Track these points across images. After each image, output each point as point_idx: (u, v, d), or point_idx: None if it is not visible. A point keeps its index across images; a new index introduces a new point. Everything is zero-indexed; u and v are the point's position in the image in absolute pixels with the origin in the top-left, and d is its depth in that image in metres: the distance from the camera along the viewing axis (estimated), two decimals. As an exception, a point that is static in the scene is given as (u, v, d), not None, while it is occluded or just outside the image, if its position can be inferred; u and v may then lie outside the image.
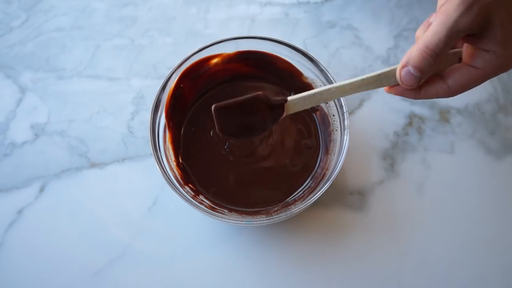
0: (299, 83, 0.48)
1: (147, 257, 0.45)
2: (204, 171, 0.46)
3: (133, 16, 0.57)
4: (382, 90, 0.51)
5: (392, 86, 0.35)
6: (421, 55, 0.31)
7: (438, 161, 0.49)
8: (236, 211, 0.44)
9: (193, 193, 0.43)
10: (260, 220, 0.41)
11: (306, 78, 0.47)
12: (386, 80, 0.34)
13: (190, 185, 0.45)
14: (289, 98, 0.35)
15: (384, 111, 0.51)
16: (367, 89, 0.35)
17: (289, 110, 0.35)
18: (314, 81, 0.47)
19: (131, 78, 0.53)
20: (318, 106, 0.47)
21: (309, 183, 0.45)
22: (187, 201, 0.40)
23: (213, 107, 0.34)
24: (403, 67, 0.32)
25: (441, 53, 0.30)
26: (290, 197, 0.45)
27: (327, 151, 0.46)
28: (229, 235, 0.46)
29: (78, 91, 0.53)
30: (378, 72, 0.34)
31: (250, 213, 0.44)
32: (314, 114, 0.48)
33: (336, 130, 0.45)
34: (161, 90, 0.44)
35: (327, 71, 0.44)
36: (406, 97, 0.35)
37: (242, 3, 0.58)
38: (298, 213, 0.41)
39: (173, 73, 0.44)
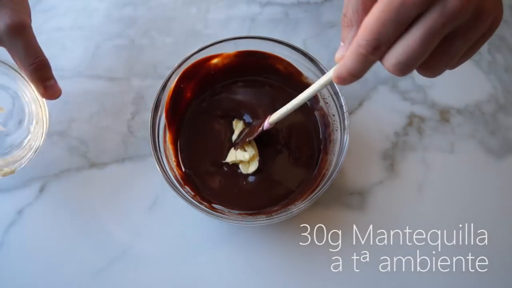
0: (299, 83, 0.48)
1: (147, 257, 0.45)
2: (204, 171, 0.46)
3: (133, 16, 0.57)
4: (383, 90, 0.52)
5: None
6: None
7: (438, 161, 0.49)
8: (236, 211, 0.44)
9: (193, 193, 0.43)
10: (260, 220, 0.41)
11: (306, 78, 0.47)
12: None
13: (190, 185, 0.45)
14: (270, 119, 0.42)
15: (384, 111, 0.51)
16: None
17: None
18: (314, 81, 0.46)
19: (131, 78, 0.53)
20: (318, 106, 0.47)
21: (309, 183, 0.45)
22: (187, 201, 0.40)
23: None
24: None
25: None
26: (290, 197, 0.45)
27: (327, 151, 0.46)
28: (229, 235, 0.46)
29: (78, 91, 0.52)
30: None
31: (250, 213, 0.44)
32: (314, 114, 0.48)
33: (336, 130, 0.45)
34: (161, 90, 0.43)
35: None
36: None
37: (242, 3, 0.58)
38: (298, 213, 0.41)
39: (173, 73, 0.44)
